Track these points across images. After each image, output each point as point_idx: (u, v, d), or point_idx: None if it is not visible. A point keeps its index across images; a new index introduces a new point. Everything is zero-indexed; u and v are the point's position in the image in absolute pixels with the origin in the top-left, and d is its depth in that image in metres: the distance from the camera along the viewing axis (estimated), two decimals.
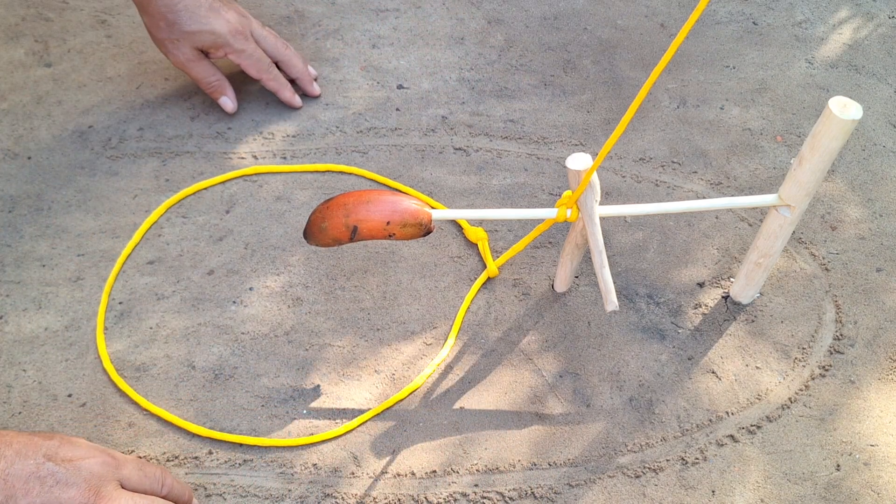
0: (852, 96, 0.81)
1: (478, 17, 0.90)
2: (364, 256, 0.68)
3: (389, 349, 0.62)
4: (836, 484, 0.55)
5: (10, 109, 0.79)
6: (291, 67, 0.78)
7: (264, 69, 0.76)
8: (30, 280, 0.66)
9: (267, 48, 0.77)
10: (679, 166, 0.75)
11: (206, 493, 0.54)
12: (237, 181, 0.74)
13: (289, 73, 0.79)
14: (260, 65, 0.76)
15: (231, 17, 0.73)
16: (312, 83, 0.80)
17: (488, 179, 0.74)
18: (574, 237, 0.58)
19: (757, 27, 0.89)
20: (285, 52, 0.78)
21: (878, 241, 0.69)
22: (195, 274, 0.67)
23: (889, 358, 0.61)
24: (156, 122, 0.78)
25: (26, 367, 0.61)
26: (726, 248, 0.68)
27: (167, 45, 0.73)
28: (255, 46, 0.75)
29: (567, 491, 0.55)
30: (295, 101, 0.79)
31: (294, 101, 0.79)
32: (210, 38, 0.72)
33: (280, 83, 0.77)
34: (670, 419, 0.58)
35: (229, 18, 0.73)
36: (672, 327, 0.63)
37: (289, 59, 0.78)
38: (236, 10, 0.75)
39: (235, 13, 0.74)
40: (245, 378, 0.60)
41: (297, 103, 0.79)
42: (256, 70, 0.76)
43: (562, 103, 0.81)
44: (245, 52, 0.74)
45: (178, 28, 0.71)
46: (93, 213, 0.71)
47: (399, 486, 0.55)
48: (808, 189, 0.53)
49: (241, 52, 0.74)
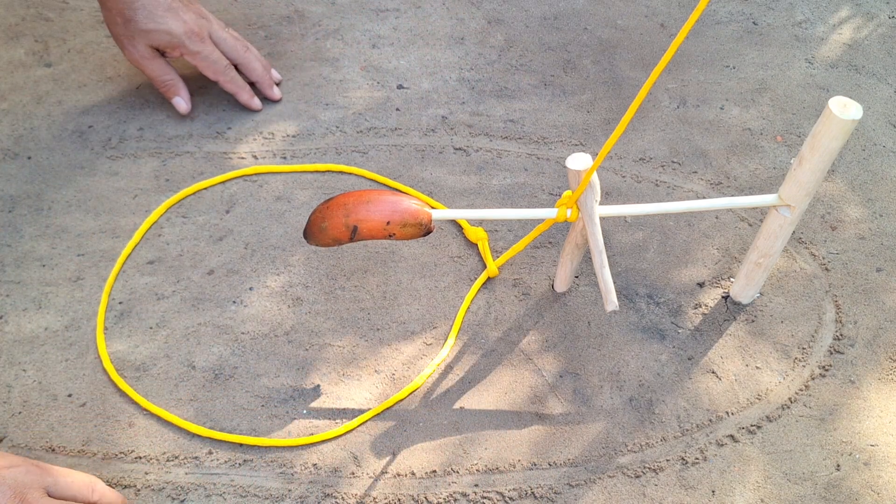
0: (852, 96, 0.81)
1: (478, 17, 0.90)
2: (364, 256, 0.68)
3: (389, 349, 0.62)
4: (836, 484, 0.55)
5: (10, 109, 0.79)
6: (251, 71, 0.78)
7: (220, 71, 0.76)
8: (30, 280, 0.66)
9: (226, 50, 0.76)
10: (679, 166, 0.75)
11: (206, 494, 0.54)
12: (237, 181, 0.74)
13: (248, 76, 0.79)
14: (216, 67, 0.75)
15: (188, 18, 0.73)
16: (272, 87, 0.79)
17: (488, 179, 0.74)
18: (574, 237, 0.58)
19: (757, 27, 0.89)
20: (245, 54, 0.77)
21: (878, 241, 0.69)
22: (195, 274, 0.67)
23: (889, 358, 0.61)
24: (156, 122, 0.78)
25: (26, 367, 0.61)
26: (726, 248, 0.68)
27: (122, 40, 0.72)
28: (213, 48, 0.75)
29: (567, 491, 0.55)
30: (253, 104, 0.78)
31: (252, 103, 0.78)
32: (165, 38, 0.72)
33: (238, 85, 0.77)
34: (670, 419, 0.58)
35: (186, 19, 0.73)
36: (672, 327, 0.63)
37: (248, 63, 0.77)
38: (196, 10, 0.75)
39: (194, 14, 0.74)
40: (245, 378, 0.60)
41: (256, 106, 0.78)
42: (212, 72, 0.75)
43: (562, 103, 0.81)
44: (201, 53, 0.74)
45: (133, 25, 0.71)
46: (93, 213, 0.71)
47: (399, 486, 0.55)
48: (808, 189, 0.53)
49: (197, 54, 0.74)
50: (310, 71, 0.84)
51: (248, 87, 0.78)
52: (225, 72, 0.76)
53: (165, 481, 0.55)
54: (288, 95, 0.81)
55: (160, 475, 0.55)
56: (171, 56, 0.75)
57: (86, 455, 0.56)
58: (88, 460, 0.56)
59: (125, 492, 0.54)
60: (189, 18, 0.73)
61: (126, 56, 0.74)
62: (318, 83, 0.82)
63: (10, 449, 0.56)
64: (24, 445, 0.56)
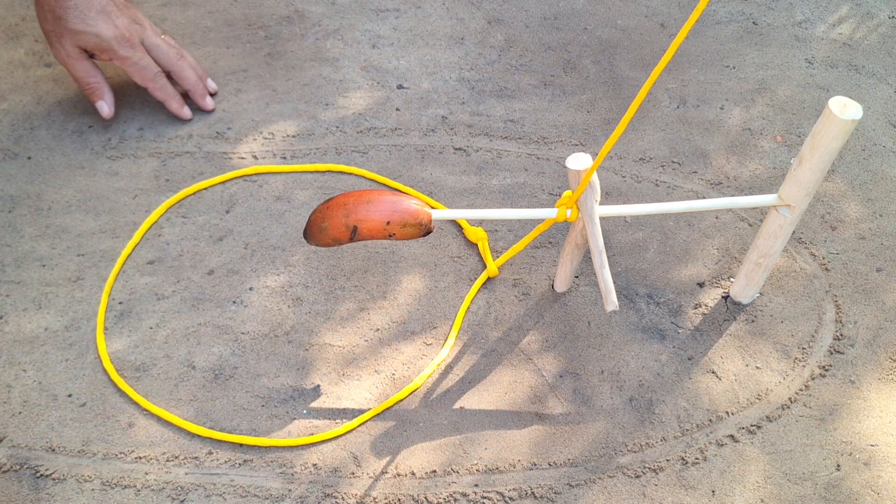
0: (852, 96, 0.81)
1: (478, 17, 0.90)
2: (364, 256, 0.68)
3: (389, 349, 0.62)
4: (836, 484, 0.55)
5: (10, 109, 0.79)
6: (183, 80, 0.77)
7: (149, 78, 0.75)
8: (30, 280, 0.66)
9: (158, 57, 0.76)
10: (679, 166, 0.75)
11: (206, 494, 0.54)
12: (237, 181, 0.74)
13: (180, 85, 0.78)
14: (145, 73, 0.75)
15: (120, 23, 0.72)
16: (205, 97, 0.78)
17: (488, 179, 0.74)
18: (574, 237, 0.58)
19: (757, 27, 0.89)
20: (178, 62, 0.76)
21: (878, 241, 0.69)
22: (195, 274, 0.67)
23: (889, 358, 0.61)
24: (156, 122, 0.78)
25: (26, 367, 0.61)
26: (726, 248, 0.68)
27: (51, 38, 0.72)
28: (143, 55, 0.74)
29: (567, 491, 0.55)
30: (183, 113, 0.78)
31: (182, 112, 0.77)
32: (94, 41, 0.72)
33: (167, 93, 0.76)
34: (670, 419, 0.58)
35: (118, 24, 0.72)
36: (672, 327, 0.63)
37: (181, 71, 0.77)
38: (130, 15, 0.74)
39: (127, 19, 0.73)
40: (245, 378, 0.60)
41: (186, 115, 0.78)
42: (141, 78, 0.75)
43: (562, 103, 0.81)
44: (130, 59, 0.73)
45: (63, 24, 0.70)
46: (93, 213, 0.71)
47: (399, 486, 0.55)
48: (808, 189, 0.53)
49: (126, 59, 0.73)
50: (310, 71, 0.84)
51: (178, 96, 0.77)
52: (154, 79, 0.75)
53: (165, 481, 0.55)
54: (288, 95, 0.81)
55: (160, 475, 0.55)
56: (99, 58, 0.74)
57: (86, 455, 0.56)
58: (88, 460, 0.56)
59: (125, 492, 0.54)
60: (121, 23, 0.72)
61: (53, 54, 0.73)
62: (318, 83, 0.82)
63: (9, 449, 0.56)
64: (24, 445, 0.56)
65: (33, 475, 0.55)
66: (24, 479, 0.55)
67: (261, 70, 0.84)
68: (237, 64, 0.84)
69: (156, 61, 0.76)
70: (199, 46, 0.86)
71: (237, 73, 0.83)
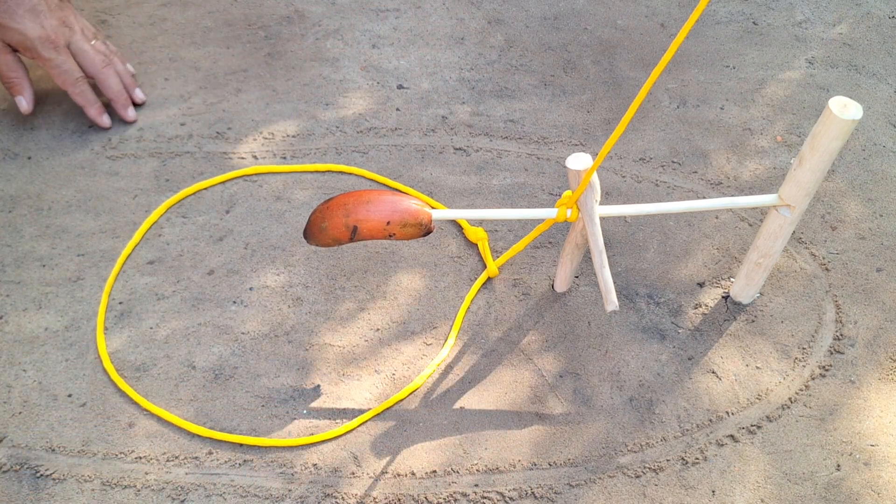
0: (852, 96, 0.81)
1: (478, 17, 0.90)
2: (364, 256, 0.68)
3: (389, 349, 0.62)
4: (836, 484, 0.55)
5: (10, 109, 0.79)
6: (105, 88, 0.76)
7: (70, 82, 0.74)
8: (30, 280, 0.66)
9: (83, 62, 0.75)
10: (679, 166, 0.75)
11: (206, 494, 0.54)
12: (237, 181, 0.74)
13: (103, 93, 0.77)
14: (66, 77, 0.74)
15: (48, 24, 0.71)
16: (127, 108, 0.77)
17: (488, 179, 0.74)
18: (574, 237, 0.58)
19: (757, 27, 0.89)
20: (103, 70, 0.75)
21: (878, 241, 0.69)
22: (195, 274, 0.67)
23: (889, 358, 0.61)
24: (156, 123, 0.78)
25: (26, 367, 0.61)
26: (726, 248, 0.68)
27: None
28: (66, 58, 0.73)
29: (567, 491, 0.55)
30: (101, 121, 0.77)
31: (100, 120, 0.77)
32: (17, 38, 0.71)
33: (86, 99, 0.75)
34: (670, 419, 0.58)
35: (46, 24, 0.71)
36: (672, 327, 0.63)
37: (105, 79, 0.76)
38: (61, 17, 0.73)
39: (57, 21, 0.72)
40: (245, 378, 0.60)
41: (104, 123, 0.77)
42: (62, 81, 0.74)
43: (562, 103, 0.81)
44: (52, 61, 0.73)
45: None
46: (93, 213, 0.71)
47: (399, 486, 0.55)
48: (808, 189, 0.53)
49: (48, 61, 0.73)
50: (310, 71, 0.84)
51: (98, 103, 0.76)
52: (75, 84, 0.74)
53: (165, 481, 0.55)
54: (288, 95, 0.81)
55: (160, 475, 0.55)
56: (24, 56, 0.74)
57: (86, 455, 0.56)
58: (88, 460, 0.56)
59: (125, 492, 0.54)
60: (48, 24, 0.71)
61: None
62: (318, 83, 0.82)
63: (10, 449, 0.56)
64: (24, 445, 0.56)
65: (33, 475, 0.55)
66: (24, 479, 0.55)
67: (261, 70, 0.84)
68: (237, 64, 0.84)
69: (80, 66, 0.75)
70: (199, 46, 0.86)
71: (237, 73, 0.83)
